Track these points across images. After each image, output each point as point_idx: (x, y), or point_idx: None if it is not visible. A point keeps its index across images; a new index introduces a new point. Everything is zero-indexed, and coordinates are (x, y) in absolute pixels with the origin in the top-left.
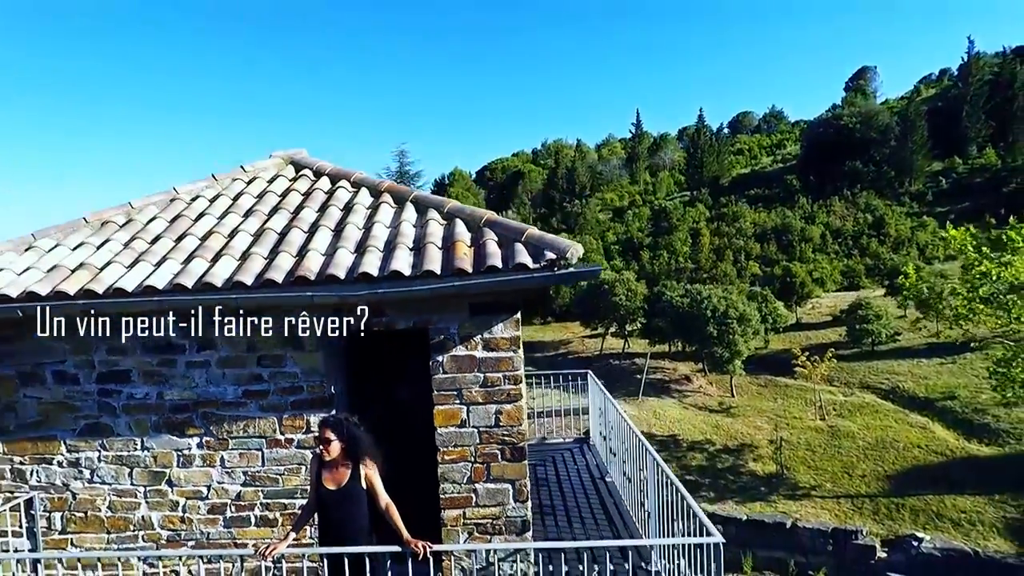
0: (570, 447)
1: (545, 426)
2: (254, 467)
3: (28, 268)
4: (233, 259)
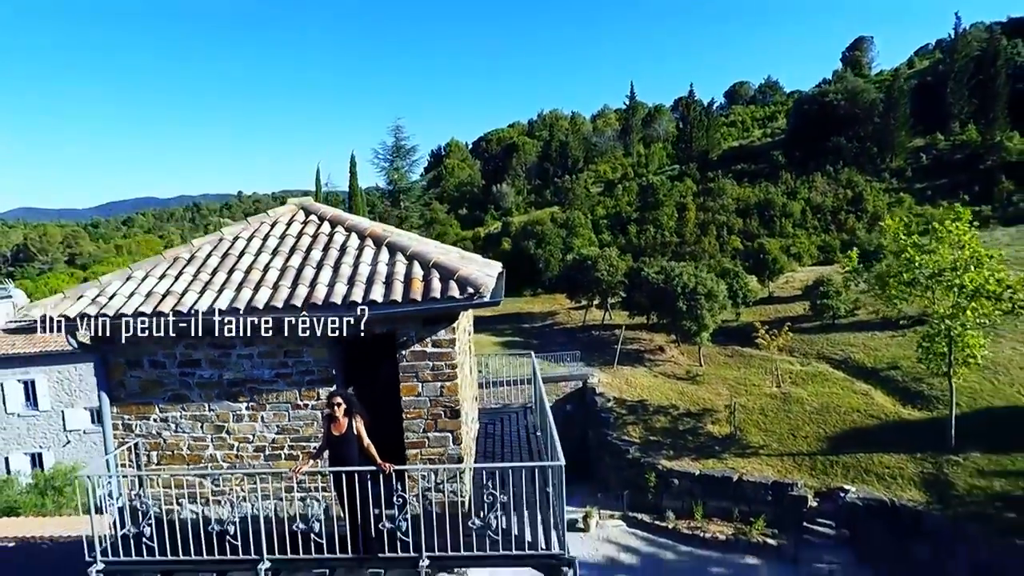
0: (517, 411)
1: (506, 395)
2: (283, 422)
3: (132, 293)
4: (268, 289)
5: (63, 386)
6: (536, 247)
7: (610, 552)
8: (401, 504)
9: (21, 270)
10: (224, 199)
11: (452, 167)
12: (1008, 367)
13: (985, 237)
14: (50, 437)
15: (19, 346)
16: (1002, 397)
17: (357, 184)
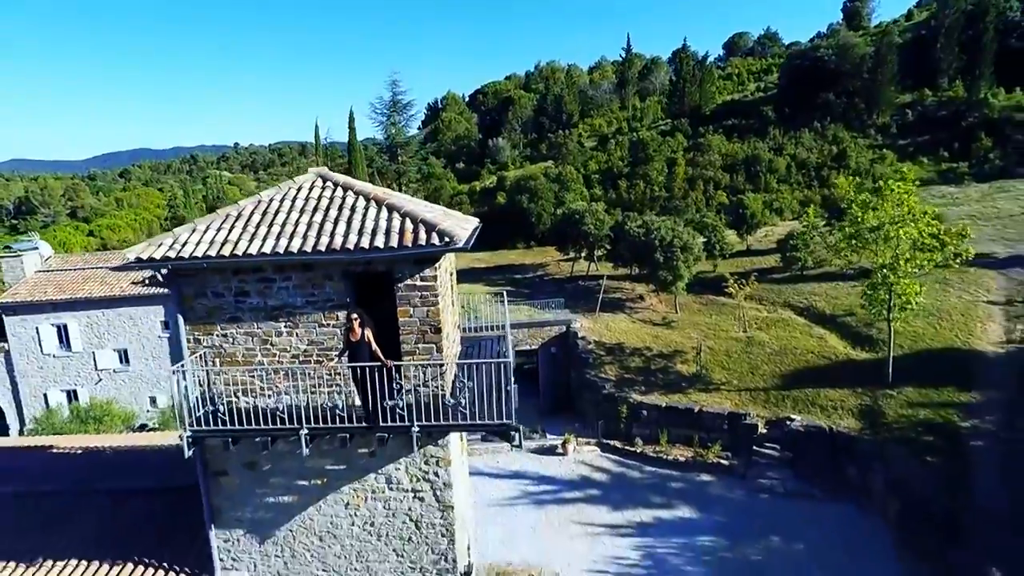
0: (493, 339)
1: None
2: (311, 336)
3: (199, 242)
4: (299, 237)
5: (92, 330)
6: (529, 202)
7: (585, 472)
8: (399, 390)
9: (25, 222)
10: (220, 150)
11: (449, 120)
12: (951, 313)
13: (958, 193)
14: (83, 375)
15: (50, 293)
16: (941, 340)
17: (356, 139)
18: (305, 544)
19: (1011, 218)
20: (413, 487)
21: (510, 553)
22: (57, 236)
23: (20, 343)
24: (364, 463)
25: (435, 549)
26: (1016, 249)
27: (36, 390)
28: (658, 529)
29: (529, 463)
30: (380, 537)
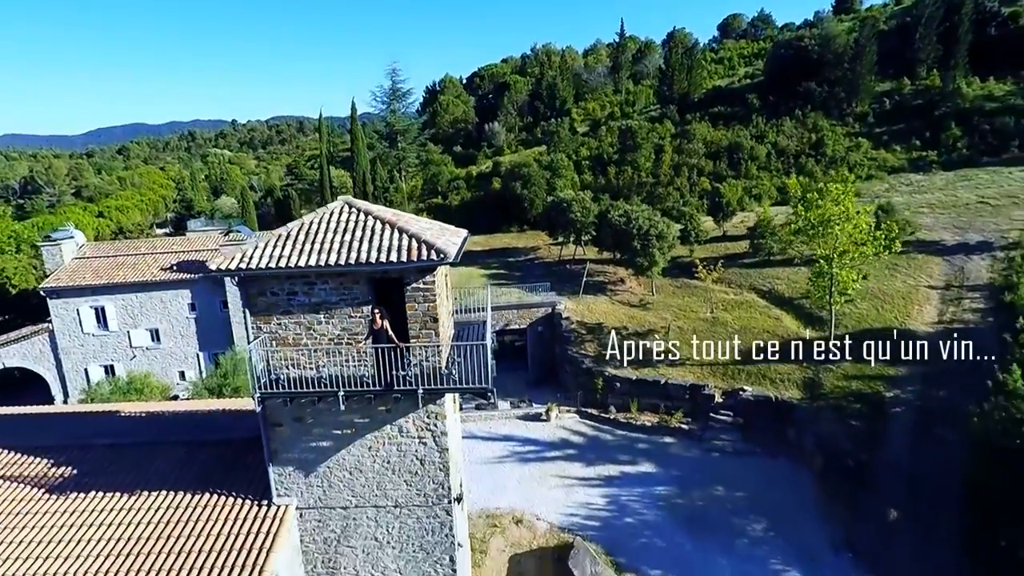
0: (480, 322)
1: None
2: (343, 325)
3: (261, 256)
4: (335, 252)
5: (127, 311)
6: (522, 188)
7: (564, 435)
8: (408, 364)
9: (31, 202)
10: (216, 125)
11: (447, 103)
12: (894, 297)
13: (924, 181)
14: (119, 352)
15: (88, 278)
16: (882, 321)
17: (359, 130)
18: (338, 476)
19: (966, 207)
20: (418, 435)
21: (499, 500)
22: (71, 219)
23: (63, 323)
24: (382, 417)
25: (435, 480)
26: (964, 237)
27: (77, 365)
28: (623, 481)
29: (516, 428)
30: (394, 471)
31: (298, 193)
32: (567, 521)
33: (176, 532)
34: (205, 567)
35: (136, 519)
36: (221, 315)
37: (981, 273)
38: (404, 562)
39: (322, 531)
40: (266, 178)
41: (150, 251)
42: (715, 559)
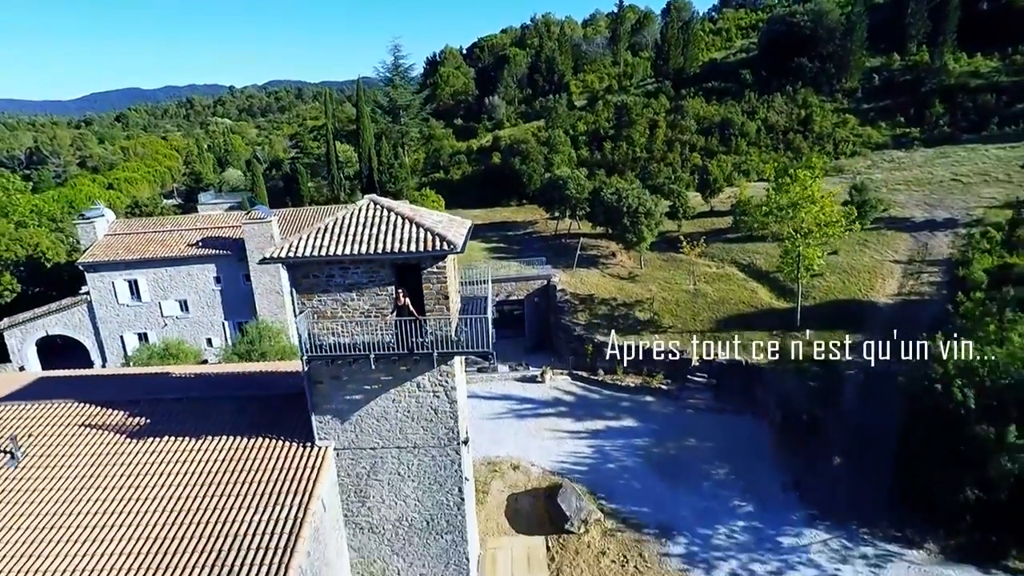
0: (482, 297)
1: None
2: (372, 301)
3: (304, 247)
4: (364, 243)
5: (158, 284)
6: (521, 163)
7: (557, 395)
8: (424, 332)
9: (37, 172)
10: (213, 90)
11: (447, 75)
12: (860, 270)
13: (905, 158)
14: (151, 321)
15: (121, 253)
16: (847, 293)
17: (364, 108)
18: (368, 423)
19: (940, 184)
20: (433, 389)
21: (499, 450)
22: (83, 191)
23: (99, 295)
24: (403, 375)
25: (446, 426)
26: (932, 214)
27: (113, 333)
28: (607, 434)
29: (514, 388)
30: (414, 419)
31: (305, 168)
32: (557, 467)
33: (239, 467)
34: (267, 493)
35: (205, 458)
36: (244, 288)
37: (943, 249)
38: (422, 492)
39: (355, 467)
40: (270, 149)
41: (176, 228)
42: (683, 497)
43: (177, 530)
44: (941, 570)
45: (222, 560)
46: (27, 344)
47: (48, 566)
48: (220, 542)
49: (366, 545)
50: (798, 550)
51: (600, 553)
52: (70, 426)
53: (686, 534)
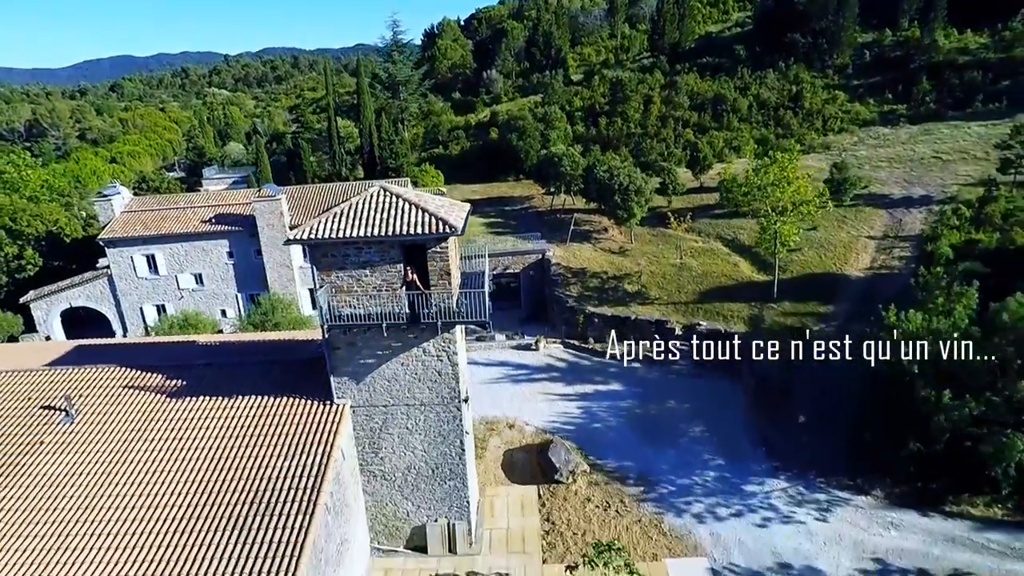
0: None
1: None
2: (384, 277)
3: (324, 229)
4: (377, 226)
5: (174, 258)
6: (518, 139)
7: (550, 362)
8: (429, 304)
9: (37, 145)
10: (206, 58)
11: (445, 48)
12: (836, 246)
13: (890, 135)
14: (168, 293)
15: (139, 230)
16: (822, 266)
17: (364, 84)
18: (380, 384)
19: (920, 161)
20: (437, 354)
21: (495, 411)
22: (87, 165)
23: (119, 269)
24: (411, 341)
25: (448, 386)
26: (909, 191)
27: (134, 305)
28: (594, 397)
29: (510, 355)
30: (420, 380)
31: (307, 143)
32: (548, 426)
33: (268, 422)
34: (293, 443)
35: (238, 414)
36: (255, 262)
37: (916, 225)
38: (428, 444)
39: (369, 422)
40: (269, 122)
41: (189, 205)
42: (661, 452)
43: (218, 474)
44: (884, 513)
45: (259, 498)
46: (52, 315)
47: (109, 504)
48: (256, 484)
49: (379, 490)
50: (759, 496)
51: (585, 500)
52: (115, 388)
53: (662, 484)
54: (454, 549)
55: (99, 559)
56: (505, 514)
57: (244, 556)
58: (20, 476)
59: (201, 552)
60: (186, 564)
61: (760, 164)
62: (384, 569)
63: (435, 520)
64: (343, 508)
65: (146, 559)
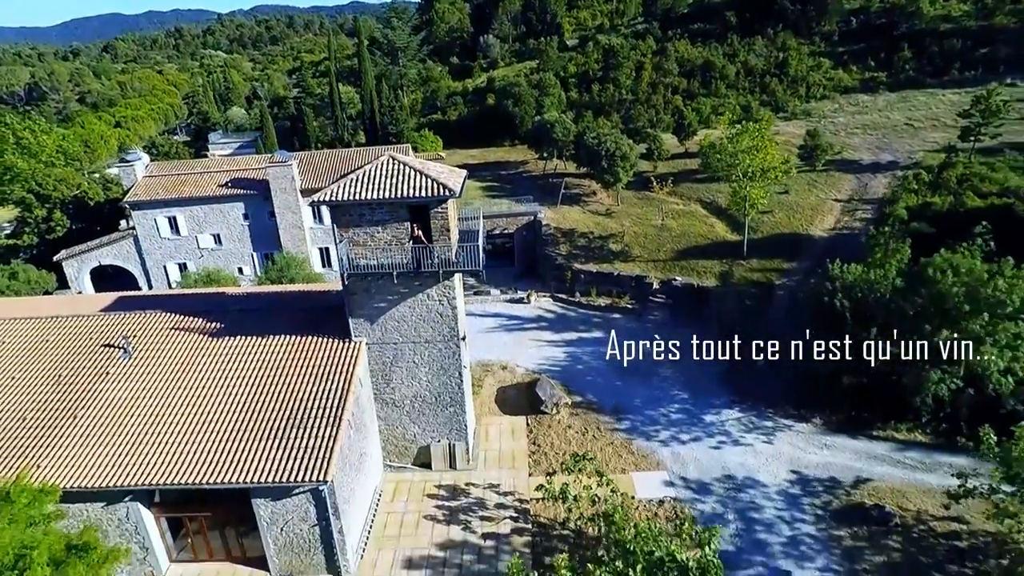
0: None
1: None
2: (393, 233)
3: (342, 192)
4: (388, 190)
5: (194, 220)
6: (514, 106)
7: (540, 313)
8: (432, 256)
9: (38, 109)
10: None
11: (443, 11)
12: (805, 208)
13: (868, 102)
14: (189, 252)
15: (160, 193)
16: (791, 227)
17: (365, 52)
18: (390, 324)
19: (893, 128)
20: (439, 299)
21: (491, 356)
22: (96, 129)
23: (144, 230)
24: (417, 287)
25: (449, 326)
26: (878, 156)
27: (157, 263)
28: (579, 343)
29: (504, 308)
30: (425, 321)
31: (310, 108)
32: (537, 367)
33: (298, 356)
34: (319, 373)
35: (271, 351)
36: (269, 223)
37: (880, 189)
38: (431, 376)
39: (382, 357)
40: (269, 86)
41: (206, 170)
42: (634, 389)
43: (259, 397)
44: (820, 437)
45: (294, 415)
46: (83, 273)
47: (169, 420)
48: (291, 404)
49: (391, 415)
50: (716, 424)
51: (567, 427)
52: (164, 329)
53: (634, 415)
54: (454, 466)
55: (165, 462)
56: (498, 438)
57: (284, 458)
58: (94, 399)
59: (249, 456)
60: (237, 465)
61: (733, 132)
62: (395, 482)
63: (438, 441)
64: (362, 427)
65: (203, 462)
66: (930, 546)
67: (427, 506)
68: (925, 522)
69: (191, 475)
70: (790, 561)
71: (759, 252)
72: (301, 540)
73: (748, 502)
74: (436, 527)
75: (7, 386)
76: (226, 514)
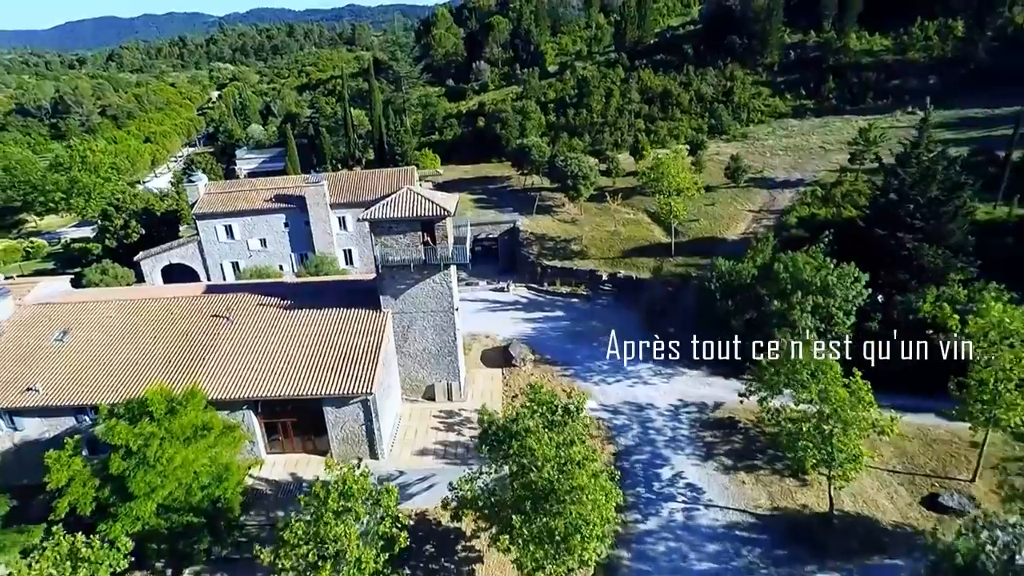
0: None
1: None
2: (411, 239)
3: (378, 212)
4: (406, 210)
5: (245, 228)
6: (500, 128)
7: (516, 299)
8: (436, 254)
9: (63, 122)
10: (192, 19)
11: (439, 36)
12: (725, 217)
13: (796, 126)
14: (241, 253)
15: (219, 207)
16: (710, 232)
17: (374, 83)
18: (410, 300)
19: (808, 151)
20: (440, 283)
21: (478, 329)
22: (132, 145)
23: (206, 236)
24: (425, 275)
25: (447, 301)
26: (790, 175)
27: (216, 262)
28: (544, 320)
29: (489, 295)
30: (432, 298)
31: (325, 129)
32: (511, 336)
33: (344, 322)
34: (359, 331)
35: (326, 317)
36: (305, 230)
37: (784, 202)
38: (435, 335)
39: (401, 322)
40: (281, 101)
41: (253, 188)
42: (580, 350)
43: (321, 345)
44: (704, 379)
45: (347, 356)
46: (155, 270)
47: (264, 361)
48: (344, 349)
49: (407, 364)
50: (633, 372)
51: (529, 374)
52: (250, 306)
53: (577, 365)
54: (451, 398)
55: (266, 384)
56: (482, 382)
57: (344, 380)
58: (212, 349)
59: (321, 379)
60: (308, 387)
61: (654, 160)
62: (410, 408)
63: (440, 381)
64: (389, 367)
65: (291, 383)
66: (756, 438)
67: (432, 423)
68: (759, 427)
69: (284, 392)
70: (668, 449)
71: (684, 252)
72: (354, 435)
73: (646, 416)
74: (438, 434)
75: (156, 343)
76: (303, 420)
